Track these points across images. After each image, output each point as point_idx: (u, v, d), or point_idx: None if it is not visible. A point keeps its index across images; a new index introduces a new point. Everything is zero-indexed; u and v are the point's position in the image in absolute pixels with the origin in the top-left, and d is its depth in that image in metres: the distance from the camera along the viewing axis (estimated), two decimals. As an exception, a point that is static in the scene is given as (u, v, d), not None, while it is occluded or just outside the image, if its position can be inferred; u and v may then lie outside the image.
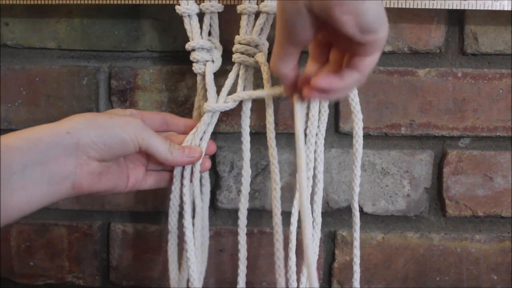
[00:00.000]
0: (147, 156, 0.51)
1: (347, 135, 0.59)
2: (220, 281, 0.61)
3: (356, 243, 0.52)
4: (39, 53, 0.60)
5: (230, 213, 0.60)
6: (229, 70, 0.54)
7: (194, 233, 0.52)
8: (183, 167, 0.51)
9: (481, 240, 0.60)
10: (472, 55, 0.57)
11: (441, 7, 0.53)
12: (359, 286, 0.53)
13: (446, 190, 0.59)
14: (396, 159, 0.59)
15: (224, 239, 0.60)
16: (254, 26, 0.52)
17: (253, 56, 0.52)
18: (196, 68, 0.53)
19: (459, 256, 0.60)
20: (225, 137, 0.59)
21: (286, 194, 0.59)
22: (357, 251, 0.53)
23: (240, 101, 0.53)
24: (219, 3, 0.53)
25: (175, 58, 0.59)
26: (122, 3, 0.54)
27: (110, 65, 0.59)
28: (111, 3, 0.54)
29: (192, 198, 0.52)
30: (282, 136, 0.59)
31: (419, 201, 0.59)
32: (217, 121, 0.53)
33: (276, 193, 0.51)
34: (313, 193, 0.53)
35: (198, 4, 0.53)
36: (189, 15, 0.53)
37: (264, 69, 0.51)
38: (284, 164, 0.59)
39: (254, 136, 0.56)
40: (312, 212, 0.52)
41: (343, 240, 0.60)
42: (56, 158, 0.41)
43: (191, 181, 0.52)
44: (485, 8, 0.52)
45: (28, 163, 0.40)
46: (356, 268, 0.53)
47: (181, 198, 0.52)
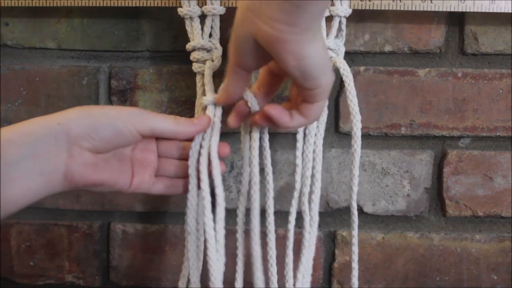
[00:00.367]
0: (158, 159, 0.50)
1: (347, 135, 0.59)
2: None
3: (355, 240, 0.52)
4: (39, 53, 0.60)
5: (230, 213, 0.60)
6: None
7: (217, 234, 0.52)
8: (198, 170, 0.50)
9: (481, 240, 0.60)
10: (472, 55, 0.57)
11: (439, 9, 0.53)
12: (357, 285, 0.53)
13: (446, 190, 0.59)
14: (396, 159, 0.59)
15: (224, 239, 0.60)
16: None
17: None
18: (195, 67, 0.53)
19: (459, 256, 0.60)
20: (225, 137, 0.59)
21: (286, 194, 0.59)
22: (355, 249, 0.53)
23: None
24: (221, 5, 0.53)
25: (175, 58, 0.59)
26: (122, 4, 0.54)
27: (110, 65, 0.59)
28: (111, 4, 0.54)
29: (209, 199, 0.52)
30: (282, 136, 0.59)
31: (419, 201, 0.59)
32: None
33: (269, 193, 0.51)
34: (311, 192, 0.53)
35: (200, 7, 0.53)
36: (190, 17, 0.53)
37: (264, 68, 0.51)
38: (284, 164, 0.59)
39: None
40: (309, 211, 0.53)
41: (343, 240, 0.60)
42: (47, 150, 0.42)
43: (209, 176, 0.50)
44: (483, 11, 0.53)
45: (22, 156, 0.40)
46: (355, 266, 0.53)
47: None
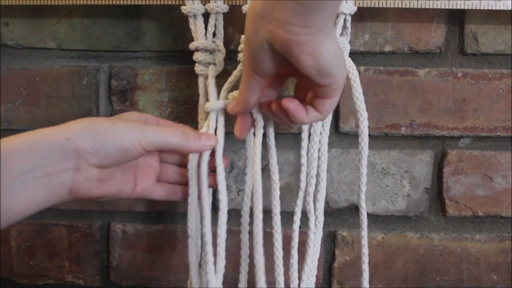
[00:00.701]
0: (160, 165, 0.51)
1: (347, 135, 0.59)
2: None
3: (364, 241, 0.52)
4: (39, 53, 0.60)
5: (230, 213, 0.59)
6: (229, 70, 0.54)
7: (221, 236, 0.52)
8: (198, 174, 0.51)
9: (481, 240, 0.60)
10: (472, 55, 0.57)
11: (444, 6, 0.52)
12: (368, 285, 0.53)
13: (446, 190, 0.59)
14: (396, 159, 0.59)
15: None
16: None
17: None
18: (198, 69, 0.53)
19: (459, 256, 0.60)
20: (225, 137, 0.59)
21: (286, 194, 0.59)
22: (365, 250, 0.52)
23: None
24: (224, 3, 0.53)
25: (175, 58, 0.59)
26: (122, 3, 0.54)
27: (110, 65, 0.59)
28: (114, 3, 0.54)
29: (210, 203, 0.52)
30: (282, 136, 0.59)
31: (419, 201, 0.59)
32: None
33: (275, 193, 0.51)
34: (316, 192, 0.53)
35: (204, 5, 0.52)
36: (194, 15, 0.52)
37: None
38: (284, 164, 0.59)
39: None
40: (314, 211, 0.52)
41: (343, 240, 0.60)
42: (54, 164, 0.41)
43: (211, 186, 0.51)
44: (488, 8, 0.52)
45: (28, 168, 0.40)
46: (365, 267, 0.53)
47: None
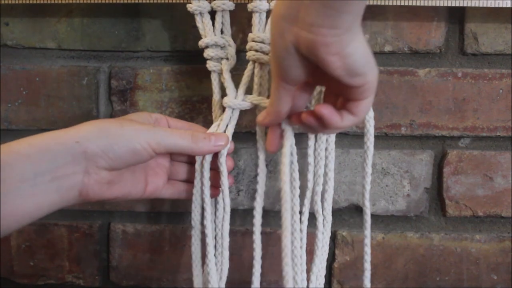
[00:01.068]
0: (171, 164, 0.51)
1: (347, 135, 0.59)
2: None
3: (367, 240, 0.52)
4: (39, 53, 0.60)
5: (230, 213, 0.60)
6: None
7: (223, 233, 0.51)
8: (202, 172, 0.51)
9: (481, 240, 0.60)
10: (472, 55, 0.57)
11: (443, 4, 0.52)
12: (369, 285, 0.53)
13: (446, 190, 0.59)
14: (396, 159, 0.59)
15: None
16: (266, 24, 0.51)
17: (267, 54, 0.51)
18: (210, 65, 0.52)
19: (459, 256, 0.60)
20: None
21: (286, 194, 0.59)
22: (368, 249, 0.52)
23: None
24: (230, 1, 0.52)
25: (175, 58, 0.59)
26: (122, 2, 0.54)
27: (110, 65, 0.59)
28: (111, 2, 0.54)
29: (211, 202, 0.52)
30: (282, 136, 0.58)
31: (419, 201, 0.59)
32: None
33: (285, 193, 0.50)
34: (323, 191, 0.53)
35: (210, 3, 0.52)
36: (200, 13, 0.52)
37: None
38: (284, 164, 0.59)
39: (254, 136, 0.56)
40: (322, 211, 0.52)
41: (343, 240, 0.60)
42: (64, 167, 0.42)
43: (214, 195, 0.52)
44: (488, 6, 0.52)
45: (38, 172, 0.40)
46: (367, 266, 0.53)
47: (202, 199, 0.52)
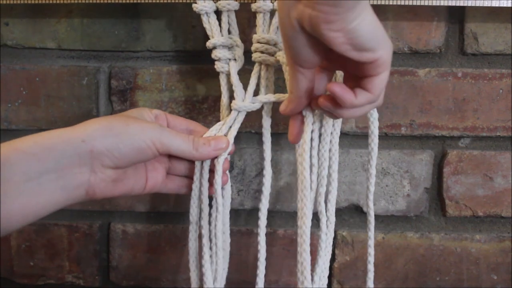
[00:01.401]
0: (170, 160, 0.51)
1: (347, 135, 0.59)
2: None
3: (371, 242, 0.52)
4: (39, 53, 0.60)
5: (230, 213, 0.60)
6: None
7: (217, 233, 0.51)
8: (201, 171, 0.51)
9: (481, 240, 0.60)
10: (472, 55, 0.57)
11: (443, 3, 0.52)
12: (372, 285, 0.53)
13: (446, 190, 0.59)
14: (396, 159, 0.59)
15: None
16: (270, 24, 0.51)
17: (273, 55, 0.51)
18: (218, 66, 0.52)
19: (459, 256, 0.60)
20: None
21: (286, 194, 0.59)
22: (371, 250, 0.52)
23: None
24: (235, 1, 0.52)
25: (175, 58, 0.59)
26: (122, 2, 0.54)
27: (110, 65, 0.59)
28: (111, 2, 0.54)
29: (208, 201, 0.52)
30: (282, 136, 0.58)
31: (419, 201, 0.59)
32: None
33: (302, 193, 0.50)
34: (327, 192, 0.52)
35: (215, 3, 0.52)
36: (207, 13, 0.52)
37: (286, 69, 0.50)
38: (284, 164, 0.59)
39: (255, 136, 0.56)
40: (326, 211, 0.52)
41: (343, 240, 0.60)
42: (71, 166, 0.41)
43: (211, 184, 0.51)
44: (489, 5, 0.52)
45: (44, 170, 0.40)
46: (371, 268, 0.52)
47: (199, 198, 0.51)
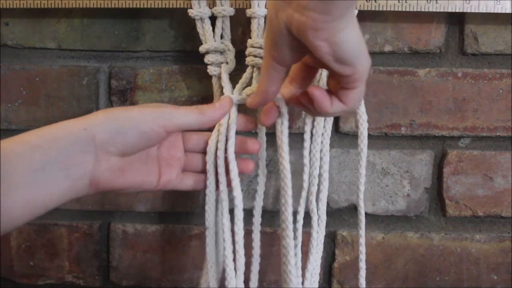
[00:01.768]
0: (186, 155, 0.50)
1: (347, 135, 0.59)
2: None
3: (362, 240, 0.52)
4: (39, 53, 0.60)
5: (230, 213, 0.60)
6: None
7: (239, 233, 0.51)
8: (216, 170, 0.51)
9: (481, 240, 0.60)
10: (472, 55, 0.57)
11: (444, 9, 0.53)
12: (364, 285, 0.53)
13: (446, 190, 0.59)
14: (396, 159, 0.59)
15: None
16: (264, 29, 0.52)
17: None
18: (211, 70, 0.54)
19: (459, 256, 0.60)
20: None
21: (286, 194, 0.59)
22: (363, 249, 0.52)
23: None
24: (230, 6, 0.53)
25: (175, 58, 0.59)
26: (124, 6, 0.54)
27: (110, 65, 0.59)
28: (112, 4, 0.54)
29: (228, 199, 0.52)
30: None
31: (419, 201, 0.59)
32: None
33: (285, 193, 0.50)
34: (318, 192, 0.53)
35: (210, 8, 0.53)
36: (201, 18, 0.53)
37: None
38: (284, 164, 0.59)
39: (255, 136, 0.56)
40: (317, 210, 0.52)
41: (343, 240, 0.60)
42: (74, 156, 0.41)
43: (228, 186, 0.51)
44: (487, 11, 0.52)
45: (48, 161, 0.40)
46: (362, 265, 0.53)
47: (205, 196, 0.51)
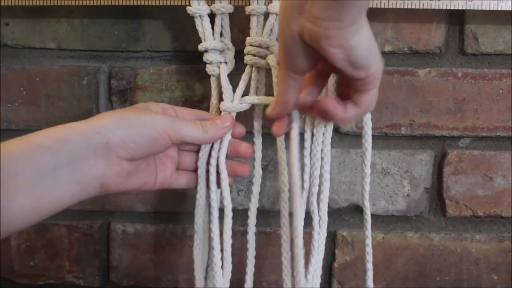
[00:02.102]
0: (178, 154, 0.51)
1: (347, 135, 0.59)
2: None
3: (368, 241, 0.52)
4: (39, 53, 0.60)
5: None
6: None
7: (224, 235, 0.51)
8: (207, 169, 0.51)
9: (481, 240, 0.60)
10: (472, 55, 0.57)
11: (446, 7, 0.52)
12: (372, 285, 0.53)
13: (446, 190, 0.59)
14: (396, 159, 0.59)
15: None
16: (263, 27, 0.51)
17: (264, 58, 0.51)
18: (209, 69, 0.53)
19: (459, 256, 0.60)
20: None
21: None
22: (369, 249, 0.52)
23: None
24: (229, 3, 0.52)
25: (175, 58, 0.59)
26: (123, 3, 0.54)
27: (110, 65, 0.59)
28: (111, 2, 0.54)
29: (218, 201, 0.51)
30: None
31: (419, 201, 0.59)
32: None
33: (284, 194, 0.51)
34: (319, 192, 0.52)
35: (209, 5, 0.52)
36: (200, 16, 0.52)
37: (274, 72, 0.51)
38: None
39: (252, 135, 0.56)
40: (318, 211, 0.52)
41: (343, 240, 0.60)
42: (86, 159, 0.41)
43: (218, 186, 0.51)
44: (490, 9, 0.52)
45: (58, 164, 0.40)
46: (369, 266, 0.53)
47: (207, 199, 0.51)
